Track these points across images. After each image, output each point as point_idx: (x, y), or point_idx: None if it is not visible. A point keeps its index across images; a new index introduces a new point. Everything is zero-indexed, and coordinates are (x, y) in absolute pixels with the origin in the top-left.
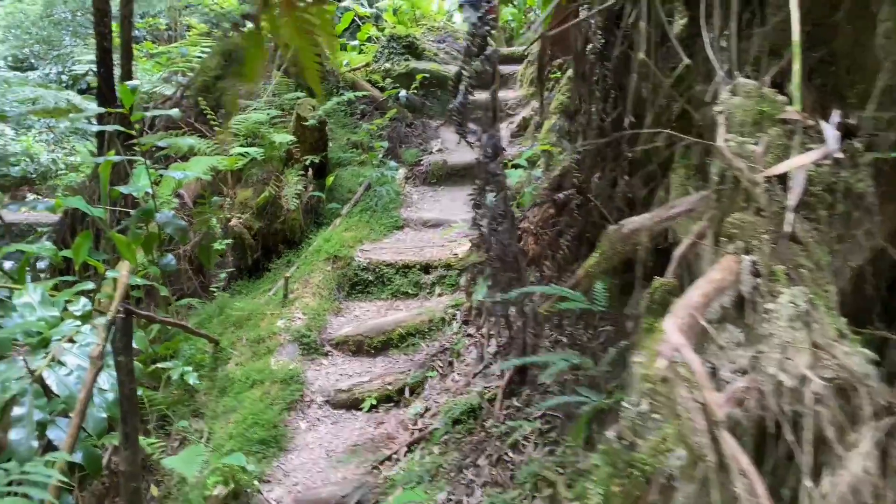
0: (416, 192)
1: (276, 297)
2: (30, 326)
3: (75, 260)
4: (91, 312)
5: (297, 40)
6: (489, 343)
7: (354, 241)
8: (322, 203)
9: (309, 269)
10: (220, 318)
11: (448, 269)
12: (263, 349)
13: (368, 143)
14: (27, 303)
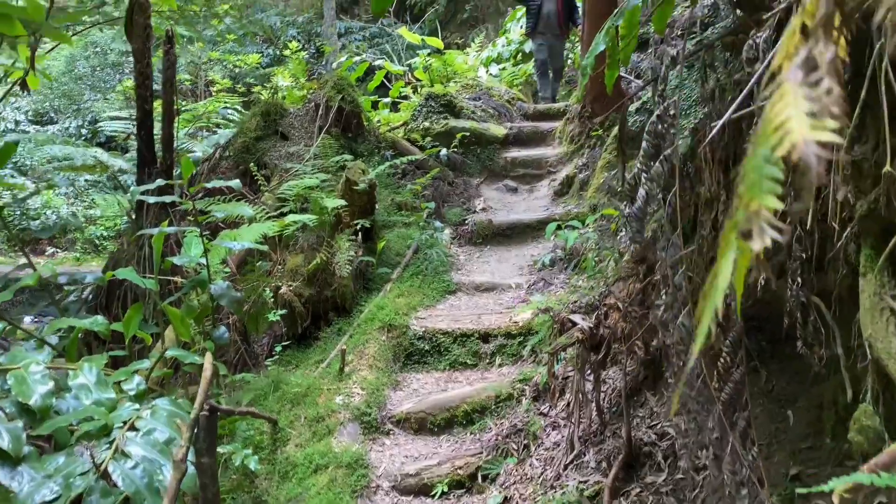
0: (462, 254)
1: (330, 369)
2: (89, 413)
3: (126, 334)
4: (145, 392)
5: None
6: (578, 428)
7: (408, 308)
8: (371, 268)
9: (363, 338)
10: (277, 395)
11: (508, 338)
12: (323, 429)
13: (413, 203)
14: (83, 384)
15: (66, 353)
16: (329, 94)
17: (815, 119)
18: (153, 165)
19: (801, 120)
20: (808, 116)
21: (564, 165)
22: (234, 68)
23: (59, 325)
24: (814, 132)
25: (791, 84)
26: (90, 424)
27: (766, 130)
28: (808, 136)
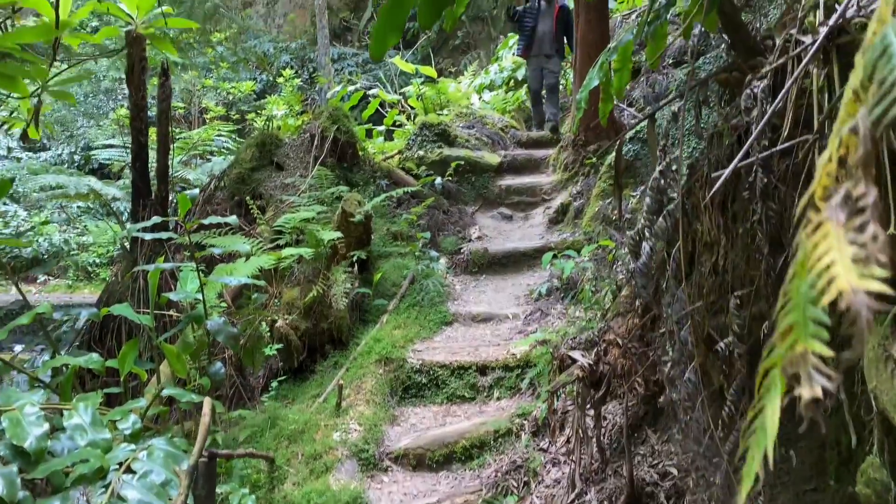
0: (458, 283)
1: (327, 404)
2: (84, 455)
3: (121, 370)
4: (141, 431)
5: None
6: (579, 466)
7: (405, 340)
8: (368, 299)
9: (360, 372)
10: (273, 431)
11: (506, 371)
12: (321, 466)
13: (409, 232)
14: (78, 424)
15: (60, 391)
16: (324, 125)
17: (861, 265)
18: (148, 197)
19: (847, 266)
20: (854, 262)
21: (559, 193)
22: (228, 95)
23: (54, 363)
24: (862, 281)
25: (833, 225)
26: (85, 466)
27: (806, 265)
28: (856, 285)
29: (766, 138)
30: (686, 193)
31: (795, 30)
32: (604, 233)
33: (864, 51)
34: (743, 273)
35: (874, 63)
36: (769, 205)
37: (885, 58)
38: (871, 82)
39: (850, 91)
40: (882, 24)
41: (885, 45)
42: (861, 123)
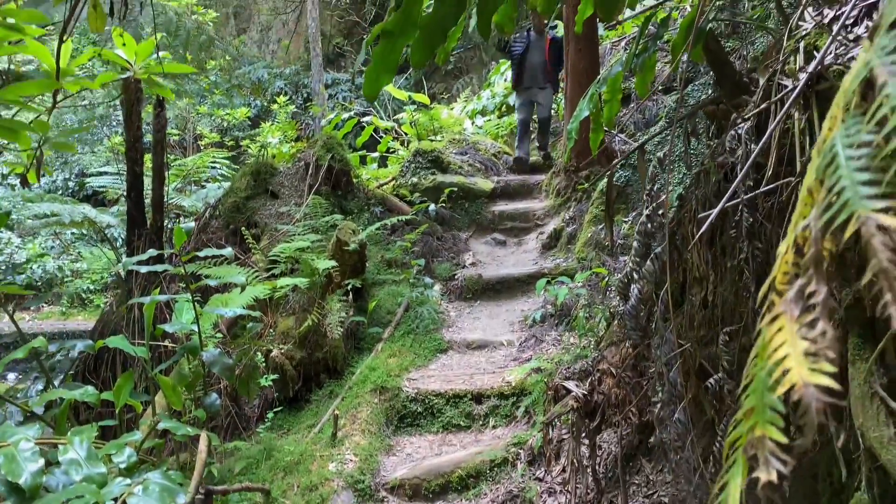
0: (453, 310)
1: (323, 434)
2: (80, 491)
3: (116, 403)
4: (136, 464)
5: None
6: (575, 496)
7: (400, 368)
8: (363, 327)
9: (355, 401)
10: (269, 463)
11: (501, 399)
12: (317, 498)
13: (403, 259)
14: (73, 459)
15: (55, 424)
16: (319, 153)
17: (812, 359)
18: (143, 227)
19: (799, 360)
20: (806, 356)
21: (552, 218)
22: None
23: (49, 396)
24: (813, 376)
25: (788, 318)
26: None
27: (764, 354)
28: (807, 379)
29: (751, 178)
30: (676, 226)
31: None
32: (597, 259)
33: (817, 151)
34: (732, 307)
35: (822, 171)
36: (755, 244)
37: (833, 167)
38: (821, 185)
39: (805, 188)
40: (831, 130)
41: (833, 153)
42: (812, 224)
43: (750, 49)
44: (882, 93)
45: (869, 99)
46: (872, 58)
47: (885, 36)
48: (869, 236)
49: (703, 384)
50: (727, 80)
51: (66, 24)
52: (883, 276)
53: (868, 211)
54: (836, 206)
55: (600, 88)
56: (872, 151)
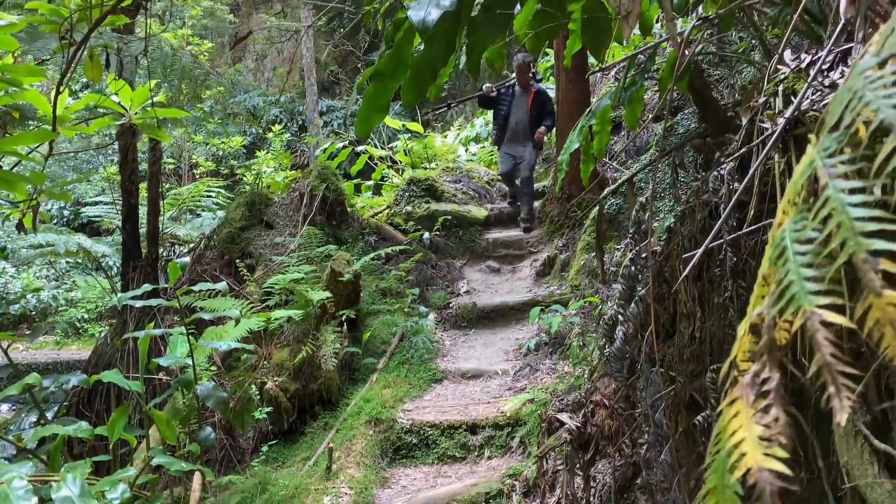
0: (448, 338)
1: (317, 467)
2: None
3: (110, 438)
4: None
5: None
6: None
7: (395, 400)
8: (357, 358)
9: (350, 433)
10: (264, 497)
11: (496, 430)
12: None
13: (397, 288)
14: (66, 496)
15: (48, 460)
16: (313, 184)
17: (766, 444)
18: (138, 258)
19: (754, 445)
20: (761, 440)
21: (545, 246)
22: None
23: (43, 432)
24: (766, 461)
25: (744, 403)
26: None
27: (724, 436)
28: (761, 464)
29: (734, 217)
30: (664, 259)
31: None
32: (590, 286)
33: (770, 241)
34: (720, 342)
35: (774, 261)
36: (739, 282)
37: (782, 260)
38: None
39: (760, 273)
40: (779, 227)
41: (783, 246)
42: (766, 313)
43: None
44: (823, 194)
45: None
46: (816, 158)
47: (828, 137)
48: (813, 331)
49: (692, 418)
50: (712, 118)
51: (63, 76)
52: (826, 369)
53: (813, 306)
54: (785, 298)
55: (590, 121)
56: (817, 248)
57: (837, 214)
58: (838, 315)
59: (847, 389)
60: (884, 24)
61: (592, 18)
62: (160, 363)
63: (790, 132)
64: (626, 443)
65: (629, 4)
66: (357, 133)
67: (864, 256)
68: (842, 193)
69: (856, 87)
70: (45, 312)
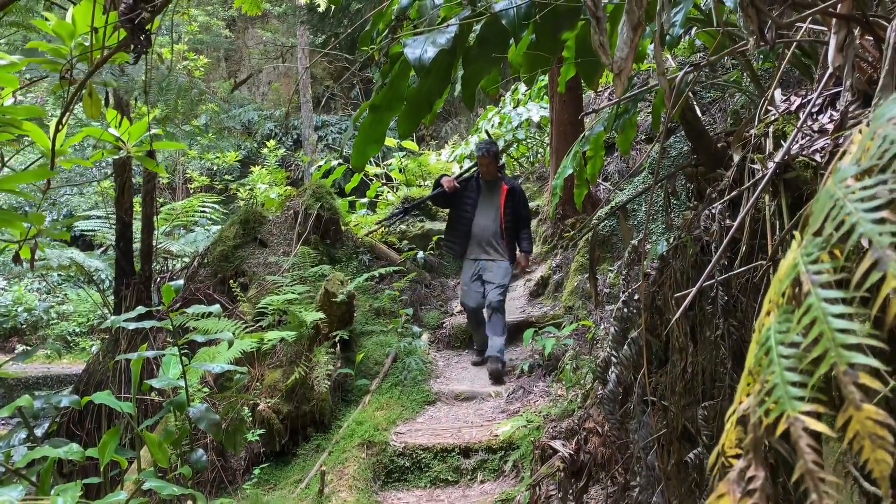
0: (441, 359)
1: (309, 490)
2: None
3: (101, 460)
4: None
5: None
6: None
7: (387, 422)
8: (350, 379)
9: (342, 456)
10: None
11: (489, 453)
12: None
13: (391, 308)
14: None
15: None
16: (308, 202)
17: None
18: (132, 276)
19: None
20: None
21: (539, 266)
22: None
23: (34, 455)
24: None
25: (730, 500)
26: None
27: None
28: None
29: (726, 256)
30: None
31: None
32: (583, 308)
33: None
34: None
35: (759, 359)
36: (730, 321)
37: (768, 360)
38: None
39: (747, 367)
40: (769, 315)
41: (768, 345)
42: (751, 412)
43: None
44: (807, 301)
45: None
46: (799, 262)
47: (811, 242)
48: (796, 437)
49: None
50: (704, 151)
51: (62, 114)
52: (808, 476)
53: (796, 412)
54: (770, 401)
55: (584, 147)
56: (801, 353)
57: (820, 324)
58: (820, 424)
59: (828, 497)
60: (862, 130)
61: (586, 46)
62: (152, 384)
63: (780, 176)
64: (619, 471)
65: (621, 63)
66: (353, 164)
67: (844, 369)
68: (824, 303)
69: (837, 195)
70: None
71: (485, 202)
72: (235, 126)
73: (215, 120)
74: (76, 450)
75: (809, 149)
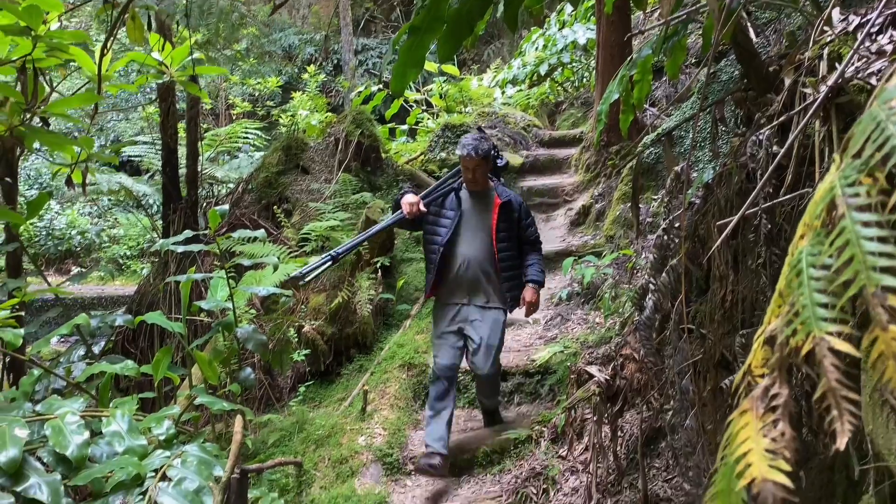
0: None
1: (352, 408)
2: (122, 462)
3: (155, 377)
4: (175, 436)
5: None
6: (596, 476)
7: (428, 345)
8: (391, 304)
9: (384, 377)
10: (301, 436)
11: (526, 377)
12: (347, 470)
13: None
14: (115, 431)
15: (98, 397)
16: (348, 129)
17: (772, 456)
18: (178, 201)
19: (760, 456)
20: (767, 453)
21: (581, 194)
22: (254, 91)
23: (92, 370)
24: (770, 473)
25: (753, 415)
26: (123, 473)
27: (733, 444)
28: (766, 475)
29: (771, 183)
30: (700, 217)
31: (802, 77)
32: (625, 237)
33: (788, 262)
34: (752, 306)
35: (789, 280)
36: (773, 250)
37: (798, 282)
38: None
39: (777, 290)
40: (802, 239)
41: (799, 268)
42: (779, 332)
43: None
44: (840, 223)
45: (833, 221)
46: (836, 185)
47: (850, 165)
48: (821, 357)
49: (721, 379)
50: (755, 74)
51: (107, 39)
52: (831, 394)
53: (823, 333)
54: (798, 321)
55: (631, 70)
56: (831, 276)
57: (852, 246)
58: (845, 344)
59: (849, 414)
60: None
61: None
62: (201, 306)
63: (832, 100)
64: (655, 396)
65: None
66: (393, 89)
67: (873, 290)
68: (858, 226)
69: (880, 117)
70: (90, 248)
71: (469, 223)
72: (276, 51)
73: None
74: (131, 366)
75: (865, 72)
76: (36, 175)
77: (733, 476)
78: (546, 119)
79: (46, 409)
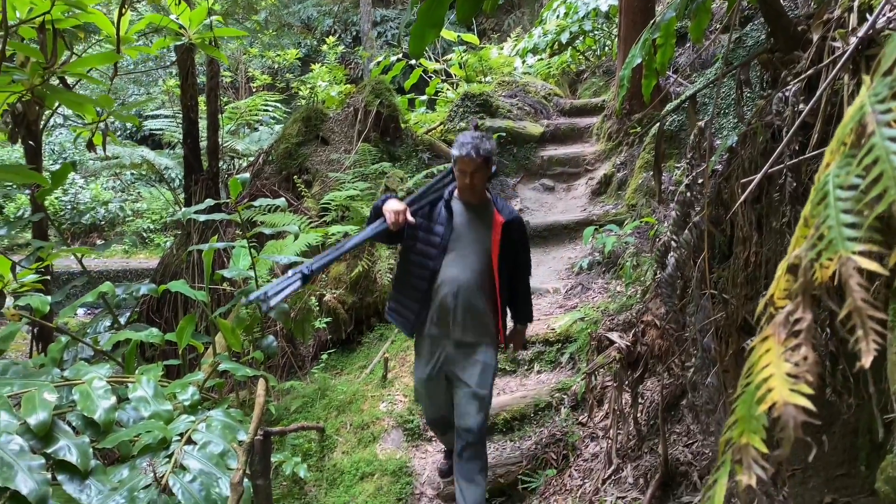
0: None
1: (374, 375)
2: (149, 426)
3: (179, 344)
4: (199, 402)
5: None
6: (616, 442)
7: None
8: None
9: (405, 344)
10: (323, 402)
11: (546, 345)
12: (368, 436)
13: None
14: (141, 396)
15: (124, 363)
16: (367, 99)
17: (793, 381)
18: (199, 172)
19: (782, 380)
20: (788, 377)
21: (602, 163)
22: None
23: (118, 337)
24: (792, 397)
25: (775, 341)
26: (150, 437)
27: (755, 370)
28: (787, 399)
29: (797, 141)
30: (724, 181)
31: (831, 31)
32: (647, 206)
33: (815, 183)
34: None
35: (815, 204)
36: (798, 208)
37: (824, 204)
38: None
39: (802, 216)
40: (828, 165)
41: (825, 191)
42: (803, 256)
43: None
44: (870, 141)
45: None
46: (866, 103)
47: (881, 82)
48: (847, 276)
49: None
50: (782, 33)
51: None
52: (857, 313)
53: (849, 253)
54: (824, 242)
55: (653, 34)
56: (858, 195)
57: (881, 163)
58: (872, 262)
59: (875, 333)
60: None
61: None
62: (224, 275)
63: (862, 52)
64: (676, 363)
65: None
66: (411, 50)
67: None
68: (887, 142)
69: None
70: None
71: (461, 242)
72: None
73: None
74: (156, 334)
75: None
76: (60, 150)
77: (753, 402)
78: (567, 88)
79: (74, 375)
